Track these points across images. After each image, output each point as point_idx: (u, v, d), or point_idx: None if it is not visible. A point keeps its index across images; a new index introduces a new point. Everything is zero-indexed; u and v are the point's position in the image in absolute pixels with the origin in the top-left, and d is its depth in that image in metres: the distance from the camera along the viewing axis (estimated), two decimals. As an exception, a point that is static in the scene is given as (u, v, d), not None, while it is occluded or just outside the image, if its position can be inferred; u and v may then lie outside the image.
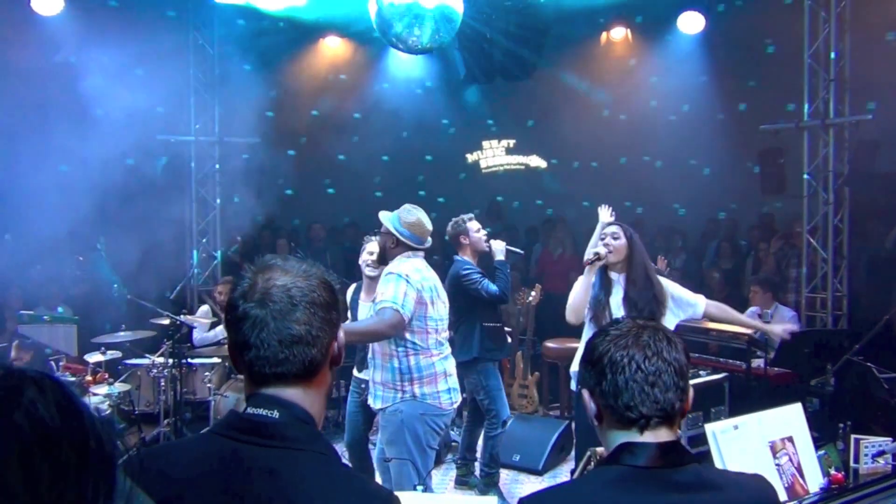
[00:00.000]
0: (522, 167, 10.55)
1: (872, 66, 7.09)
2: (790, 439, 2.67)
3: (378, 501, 1.30)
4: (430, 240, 3.91)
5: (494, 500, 4.03)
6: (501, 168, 10.62)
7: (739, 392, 5.41)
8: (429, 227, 3.88)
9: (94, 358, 5.76)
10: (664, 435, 1.44)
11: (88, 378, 5.61)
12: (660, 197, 9.18)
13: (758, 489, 1.50)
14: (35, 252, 5.96)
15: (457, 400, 3.88)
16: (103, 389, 5.54)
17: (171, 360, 5.83)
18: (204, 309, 6.99)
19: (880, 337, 5.20)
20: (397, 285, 3.61)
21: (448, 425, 4.18)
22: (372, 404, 3.85)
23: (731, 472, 1.55)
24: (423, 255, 3.90)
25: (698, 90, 8.75)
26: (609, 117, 9.56)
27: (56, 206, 5.86)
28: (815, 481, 2.69)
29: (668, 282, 4.10)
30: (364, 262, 4.73)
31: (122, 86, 6.55)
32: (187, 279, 8.26)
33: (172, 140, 7.99)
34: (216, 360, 6.32)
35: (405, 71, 9.29)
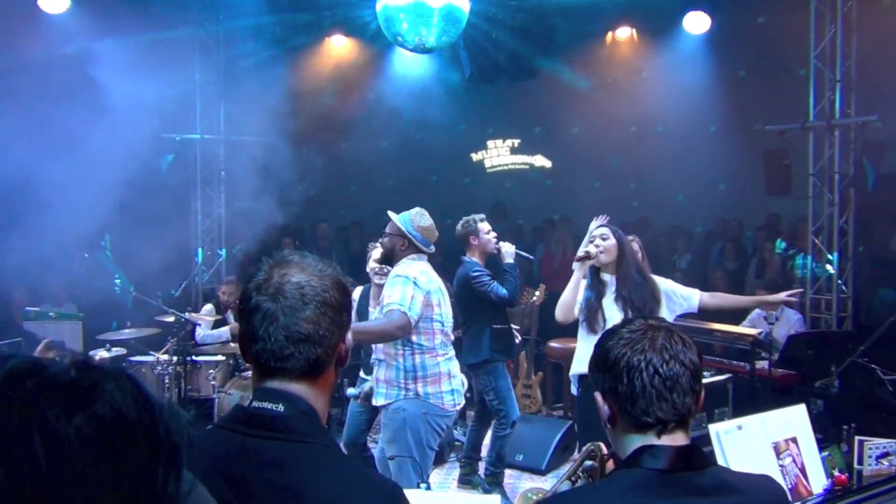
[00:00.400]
0: (527, 167, 10.53)
1: (879, 66, 7.07)
2: (794, 440, 2.66)
3: (383, 492, 1.32)
4: (433, 247, 3.97)
5: (497, 498, 4.04)
6: (506, 168, 10.61)
7: (743, 393, 5.40)
8: (436, 233, 3.94)
9: (99, 355, 5.77)
10: (681, 438, 1.43)
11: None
12: (665, 197, 9.16)
13: (774, 491, 1.49)
14: (42, 249, 5.97)
15: (460, 402, 3.89)
16: (108, 386, 5.57)
17: (175, 358, 5.86)
18: (208, 307, 7.01)
19: (885, 338, 5.19)
20: (404, 288, 3.63)
21: (450, 427, 4.19)
22: (375, 401, 3.86)
23: (745, 473, 1.54)
24: (427, 257, 3.93)
25: (704, 90, 8.73)
26: (614, 117, 9.54)
27: (62, 203, 5.87)
28: (818, 483, 2.67)
29: (660, 278, 4.12)
30: (371, 269, 4.73)
31: (127, 83, 6.55)
32: (192, 277, 8.29)
33: (178, 138, 8.00)
34: (220, 357, 6.34)
35: (410, 70, 9.28)
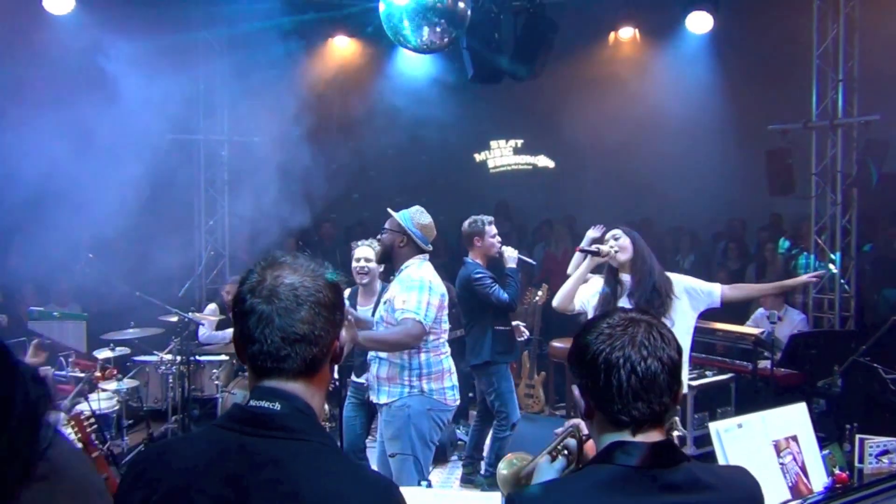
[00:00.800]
0: (530, 167, 10.54)
1: (881, 66, 7.06)
2: (794, 438, 2.67)
3: (380, 489, 1.33)
4: (430, 246, 3.97)
5: (497, 497, 4.04)
6: (509, 168, 10.62)
7: (746, 393, 5.41)
8: (435, 231, 3.95)
9: (103, 354, 5.80)
10: (655, 435, 1.43)
11: (97, 374, 5.66)
12: (668, 197, 9.16)
13: (747, 486, 1.50)
14: (50, 249, 5.98)
15: (458, 397, 3.93)
16: (112, 385, 5.62)
17: (179, 357, 5.88)
18: (212, 307, 7.03)
19: (887, 338, 5.19)
20: (420, 294, 3.62)
21: (450, 421, 4.21)
22: (375, 399, 3.87)
23: (721, 467, 1.54)
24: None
25: (706, 90, 8.72)
26: (617, 117, 9.54)
27: (69, 204, 5.90)
28: (819, 481, 2.68)
29: (679, 276, 4.07)
30: (355, 269, 4.76)
31: (130, 83, 6.57)
32: (195, 277, 8.31)
33: (181, 139, 8.03)
34: (224, 357, 6.37)
35: (412, 70, 9.29)
